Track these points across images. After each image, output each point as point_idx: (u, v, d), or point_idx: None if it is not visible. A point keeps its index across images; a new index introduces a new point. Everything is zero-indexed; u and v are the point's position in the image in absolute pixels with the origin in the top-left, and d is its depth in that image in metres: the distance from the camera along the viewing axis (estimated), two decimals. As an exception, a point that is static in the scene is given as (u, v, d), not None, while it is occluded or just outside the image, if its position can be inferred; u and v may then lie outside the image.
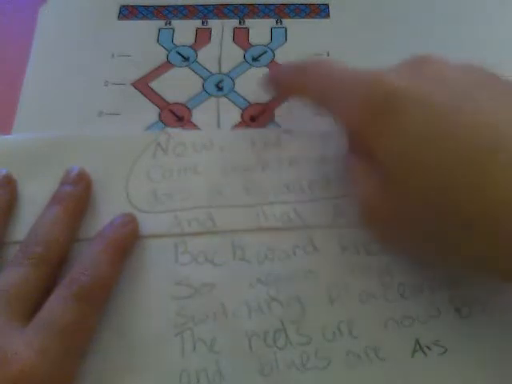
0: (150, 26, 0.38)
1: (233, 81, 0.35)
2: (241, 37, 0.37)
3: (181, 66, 0.36)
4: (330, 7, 0.39)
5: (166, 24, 0.38)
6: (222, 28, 0.38)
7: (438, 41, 0.37)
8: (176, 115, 0.34)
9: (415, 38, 0.37)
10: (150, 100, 0.35)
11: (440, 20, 0.38)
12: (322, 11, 0.39)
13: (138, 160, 0.31)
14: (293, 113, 0.33)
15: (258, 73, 0.35)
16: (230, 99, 0.35)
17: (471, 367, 0.26)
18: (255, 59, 0.36)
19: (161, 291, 0.28)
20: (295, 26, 0.38)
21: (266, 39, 0.37)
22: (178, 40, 0.37)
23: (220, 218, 0.30)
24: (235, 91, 0.35)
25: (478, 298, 0.27)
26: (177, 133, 0.33)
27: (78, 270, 0.26)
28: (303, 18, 0.38)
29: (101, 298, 0.26)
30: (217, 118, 0.34)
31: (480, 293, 0.27)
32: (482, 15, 0.38)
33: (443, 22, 0.38)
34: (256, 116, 0.34)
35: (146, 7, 0.39)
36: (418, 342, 0.26)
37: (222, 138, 0.32)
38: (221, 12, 0.39)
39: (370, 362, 0.26)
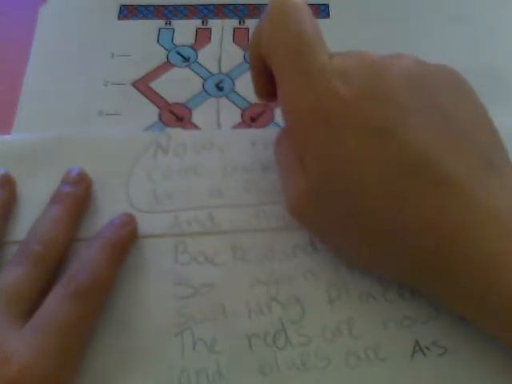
0: (150, 26, 0.38)
1: (233, 81, 0.35)
2: (241, 37, 0.37)
3: (181, 67, 0.36)
4: (330, 7, 0.39)
5: (166, 24, 0.38)
6: (222, 28, 0.38)
7: (438, 41, 0.37)
8: (176, 115, 0.34)
9: (415, 38, 0.37)
10: (150, 100, 0.35)
11: (440, 20, 0.38)
12: (322, 11, 0.39)
13: (138, 160, 0.31)
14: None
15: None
16: (230, 99, 0.35)
17: (471, 367, 0.26)
18: (255, 59, 0.36)
19: (161, 291, 0.28)
20: (295, 26, 0.38)
21: (266, 39, 0.37)
22: (178, 40, 0.37)
23: (220, 218, 0.30)
24: (235, 92, 0.35)
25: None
26: (177, 133, 0.33)
27: (76, 269, 0.26)
28: (303, 18, 0.38)
29: (99, 298, 0.26)
30: (217, 119, 0.34)
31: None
32: (482, 15, 0.38)
33: (443, 22, 0.38)
34: (256, 116, 0.34)
35: (145, 7, 0.39)
36: (417, 342, 0.26)
37: (222, 139, 0.32)
38: (221, 12, 0.39)
39: (370, 363, 0.26)
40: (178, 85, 0.35)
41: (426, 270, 0.24)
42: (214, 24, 0.38)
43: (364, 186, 0.24)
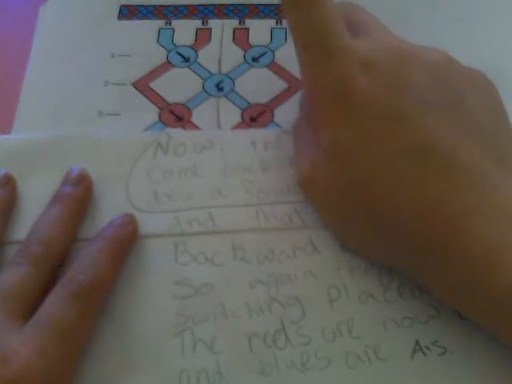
0: (150, 26, 0.38)
1: (233, 81, 0.35)
2: (241, 37, 0.37)
3: (181, 67, 0.36)
4: (330, 8, 0.39)
5: (166, 24, 0.38)
6: (222, 28, 0.38)
7: (439, 41, 0.37)
8: (176, 115, 0.34)
9: (415, 38, 0.37)
10: (150, 100, 0.35)
11: (441, 20, 0.38)
12: (322, 12, 0.39)
13: (138, 160, 0.31)
14: (293, 113, 0.33)
15: (258, 73, 0.35)
16: (230, 100, 0.35)
17: (471, 367, 0.26)
18: (255, 60, 0.36)
19: (161, 291, 0.28)
20: (295, 26, 0.38)
21: (266, 40, 0.37)
22: (178, 40, 0.37)
23: (220, 218, 0.30)
24: (235, 92, 0.35)
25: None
26: (177, 133, 0.33)
27: (76, 270, 0.26)
28: (303, 18, 0.38)
29: (99, 298, 0.26)
30: (217, 119, 0.34)
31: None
32: (482, 15, 0.38)
33: (444, 22, 0.38)
34: (256, 116, 0.34)
35: (145, 7, 0.39)
36: (417, 342, 0.26)
37: (222, 139, 0.32)
38: (221, 12, 0.39)
39: (370, 363, 0.26)
40: (178, 85, 0.35)
41: (424, 257, 0.24)
42: (214, 24, 0.38)
43: (371, 167, 0.24)
